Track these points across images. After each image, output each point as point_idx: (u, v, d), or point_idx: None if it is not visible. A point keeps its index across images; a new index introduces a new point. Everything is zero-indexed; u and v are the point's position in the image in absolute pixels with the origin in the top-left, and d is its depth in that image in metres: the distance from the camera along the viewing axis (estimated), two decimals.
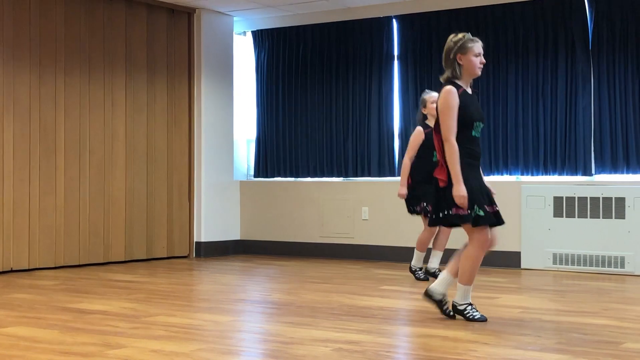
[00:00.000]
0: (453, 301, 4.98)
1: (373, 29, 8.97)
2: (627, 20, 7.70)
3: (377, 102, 8.95)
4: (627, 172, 7.70)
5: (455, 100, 4.80)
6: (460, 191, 4.73)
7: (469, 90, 4.96)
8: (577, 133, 7.89)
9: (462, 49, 4.88)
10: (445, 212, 4.85)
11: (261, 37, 9.72)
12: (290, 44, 9.50)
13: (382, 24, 8.92)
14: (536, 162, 8.08)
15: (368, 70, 9.01)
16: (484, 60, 4.94)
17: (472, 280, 4.90)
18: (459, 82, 4.90)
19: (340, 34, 9.18)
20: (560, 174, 7.99)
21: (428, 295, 5.05)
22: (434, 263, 6.91)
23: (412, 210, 6.96)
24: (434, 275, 6.78)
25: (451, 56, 4.90)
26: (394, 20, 8.89)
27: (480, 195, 4.84)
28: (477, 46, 4.91)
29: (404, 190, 6.86)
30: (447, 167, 4.82)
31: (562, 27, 7.99)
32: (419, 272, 6.97)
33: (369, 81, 9.00)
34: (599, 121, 7.80)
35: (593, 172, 7.85)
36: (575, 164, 7.90)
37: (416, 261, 6.98)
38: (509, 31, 8.20)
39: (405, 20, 8.80)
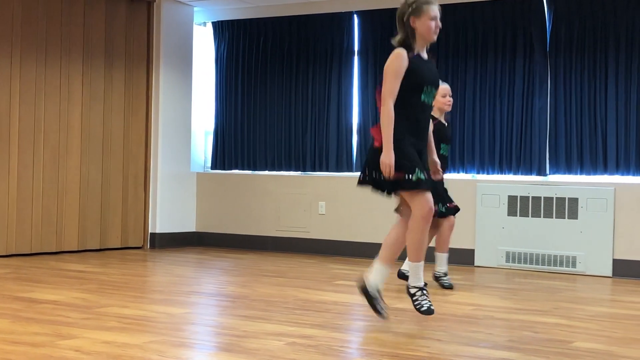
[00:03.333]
0: (407, 283, 4.66)
1: (334, 24, 8.97)
2: (585, 24, 7.79)
3: (336, 97, 8.95)
4: (581, 173, 7.80)
5: (402, 63, 4.48)
6: (388, 158, 4.35)
7: (425, 56, 4.63)
8: (533, 133, 7.98)
9: (416, 11, 4.53)
10: (375, 176, 4.48)
11: (221, 28, 9.66)
12: (251, 36, 9.45)
13: (343, 19, 8.93)
14: (492, 161, 8.15)
15: (328, 65, 9.00)
16: (439, 24, 4.57)
17: (422, 256, 4.51)
18: (413, 46, 4.56)
19: (301, 28, 9.17)
20: (515, 174, 8.07)
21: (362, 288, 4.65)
22: (442, 266, 6.38)
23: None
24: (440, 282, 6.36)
25: (404, 19, 4.56)
26: (355, 15, 8.89)
27: (417, 161, 4.44)
28: (433, 8, 4.53)
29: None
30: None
31: (521, 28, 8.06)
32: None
33: (328, 76, 9.00)
34: (555, 122, 7.89)
35: (547, 172, 7.95)
36: (530, 164, 7.99)
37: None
38: (469, 30, 8.25)
39: (366, 16, 8.81)
